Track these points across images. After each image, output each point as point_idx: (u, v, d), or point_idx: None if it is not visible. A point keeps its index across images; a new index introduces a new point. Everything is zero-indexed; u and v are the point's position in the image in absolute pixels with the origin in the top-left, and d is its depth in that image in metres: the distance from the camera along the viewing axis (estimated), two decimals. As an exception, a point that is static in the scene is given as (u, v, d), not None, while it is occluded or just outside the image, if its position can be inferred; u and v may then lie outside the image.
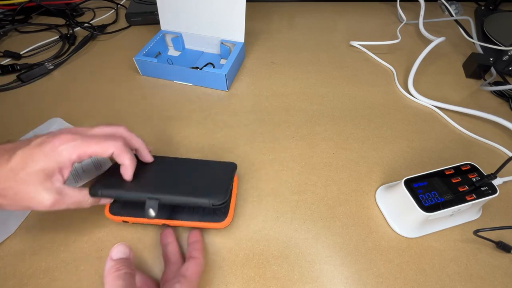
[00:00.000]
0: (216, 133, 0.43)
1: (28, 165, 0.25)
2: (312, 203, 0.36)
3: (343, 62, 0.57)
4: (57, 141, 0.26)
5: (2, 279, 0.30)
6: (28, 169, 0.25)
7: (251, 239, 0.33)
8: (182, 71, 0.49)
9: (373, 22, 0.68)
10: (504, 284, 0.31)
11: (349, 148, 0.42)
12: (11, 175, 0.24)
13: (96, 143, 0.27)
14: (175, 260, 0.29)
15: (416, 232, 0.33)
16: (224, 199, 0.29)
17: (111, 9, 0.70)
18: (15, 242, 0.32)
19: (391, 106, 0.49)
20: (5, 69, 0.51)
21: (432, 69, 0.56)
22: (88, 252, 0.32)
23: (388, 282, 0.30)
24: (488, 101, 0.50)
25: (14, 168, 0.24)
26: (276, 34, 0.64)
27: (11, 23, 0.62)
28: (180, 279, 0.26)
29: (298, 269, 0.31)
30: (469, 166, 0.34)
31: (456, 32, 0.62)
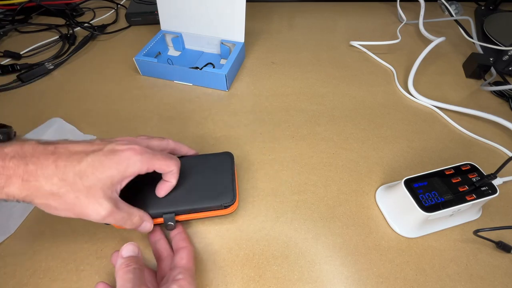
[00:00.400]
0: (216, 133, 0.43)
1: (98, 171, 0.24)
2: (312, 203, 0.36)
3: (343, 62, 0.57)
4: (130, 152, 0.26)
5: (2, 279, 0.30)
6: (98, 175, 0.24)
7: (251, 239, 0.33)
8: (182, 71, 0.50)
9: (373, 22, 0.68)
10: (504, 284, 0.31)
11: (349, 148, 0.42)
12: (78, 178, 0.24)
13: (163, 159, 0.28)
14: (167, 255, 0.30)
15: (416, 232, 0.33)
16: (233, 198, 0.31)
17: (111, 9, 0.70)
18: (15, 242, 0.32)
19: (391, 106, 0.49)
20: (5, 69, 0.51)
21: (432, 69, 0.56)
22: (88, 252, 0.32)
23: (388, 282, 0.30)
24: (488, 101, 0.50)
25: (83, 171, 0.24)
26: (276, 34, 0.64)
27: (11, 23, 0.62)
28: (178, 269, 0.27)
29: (298, 269, 0.31)
30: (469, 166, 0.34)
31: (456, 32, 0.62)
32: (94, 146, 0.26)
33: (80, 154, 0.25)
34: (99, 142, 0.27)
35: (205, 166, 0.34)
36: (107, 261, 0.31)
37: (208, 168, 0.34)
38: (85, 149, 0.25)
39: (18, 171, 0.22)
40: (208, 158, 0.35)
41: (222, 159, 0.35)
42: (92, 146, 0.26)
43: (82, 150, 0.25)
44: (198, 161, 0.35)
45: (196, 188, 0.32)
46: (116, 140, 0.27)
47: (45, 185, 0.23)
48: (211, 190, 0.32)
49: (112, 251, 0.32)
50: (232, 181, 0.33)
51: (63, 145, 0.25)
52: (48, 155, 0.24)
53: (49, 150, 0.24)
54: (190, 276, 0.27)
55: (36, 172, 0.23)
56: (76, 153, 0.25)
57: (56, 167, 0.23)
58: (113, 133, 0.43)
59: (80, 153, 0.25)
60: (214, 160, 0.35)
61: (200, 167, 0.34)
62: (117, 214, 0.26)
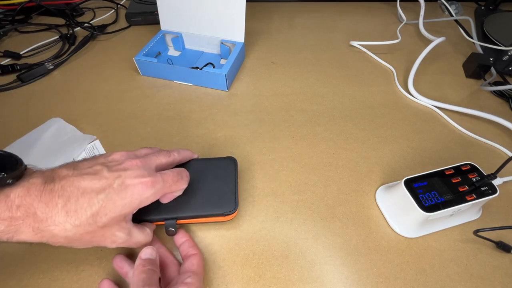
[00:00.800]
0: (216, 133, 0.43)
1: (112, 211, 0.24)
2: (312, 203, 0.36)
3: (343, 62, 0.57)
4: (142, 187, 0.25)
5: (2, 279, 0.30)
6: (111, 215, 0.24)
7: (251, 239, 0.33)
8: (182, 71, 0.49)
9: (373, 22, 0.68)
10: (504, 284, 0.31)
11: (349, 148, 0.42)
12: (92, 221, 0.23)
13: (174, 184, 0.29)
14: (170, 261, 0.30)
15: (416, 232, 0.33)
16: (235, 206, 0.32)
17: (111, 9, 0.70)
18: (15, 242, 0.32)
19: (391, 106, 0.49)
20: (5, 69, 0.51)
21: (432, 69, 0.56)
22: (88, 252, 0.32)
23: (388, 282, 0.30)
24: (488, 101, 0.50)
25: (96, 213, 0.23)
26: (276, 34, 0.64)
27: (11, 23, 0.62)
28: (189, 274, 0.27)
29: (298, 269, 0.31)
30: (469, 166, 0.34)
31: (456, 32, 0.62)
32: (102, 181, 0.24)
33: (89, 194, 0.24)
34: (107, 174, 0.25)
35: (208, 171, 0.34)
36: (107, 261, 0.31)
37: (211, 173, 0.34)
38: (93, 186, 0.24)
39: (28, 221, 0.22)
40: (212, 163, 0.35)
41: (226, 165, 0.35)
42: (100, 181, 0.24)
43: (91, 188, 0.24)
44: (201, 165, 0.35)
45: (198, 194, 0.32)
46: (124, 168, 0.26)
47: (58, 233, 0.23)
48: (213, 197, 0.32)
49: (112, 251, 0.31)
50: (234, 189, 0.33)
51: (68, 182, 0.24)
52: (56, 199, 0.23)
53: (56, 192, 0.23)
54: (199, 281, 0.27)
55: (46, 221, 0.22)
56: (85, 193, 0.24)
57: (66, 213, 0.23)
58: (113, 133, 0.43)
59: (89, 193, 0.24)
60: (218, 165, 0.35)
61: (203, 173, 0.34)
62: (131, 241, 0.27)
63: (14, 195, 0.22)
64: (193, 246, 0.30)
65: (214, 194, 0.32)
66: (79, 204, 0.23)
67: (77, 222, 0.23)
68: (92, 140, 0.41)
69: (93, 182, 0.24)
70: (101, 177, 0.25)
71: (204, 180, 0.33)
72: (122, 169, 0.26)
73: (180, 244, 0.31)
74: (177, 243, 0.31)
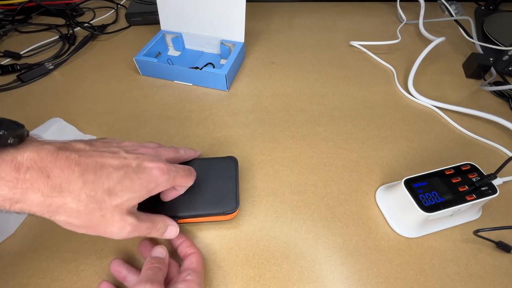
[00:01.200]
0: (216, 133, 0.43)
1: (128, 190, 0.23)
2: (312, 203, 0.36)
3: (343, 62, 0.57)
4: (158, 171, 0.25)
5: (2, 279, 0.30)
6: (127, 193, 0.23)
7: (251, 239, 0.33)
8: (182, 71, 0.49)
9: (373, 22, 0.68)
10: (504, 284, 0.31)
11: (349, 148, 0.42)
12: (106, 196, 0.22)
13: (184, 177, 0.29)
14: (171, 263, 0.30)
15: (416, 232, 0.33)
16: (236, 205, 0.32)
17: (111, 9, 0.70)
18: (15, 242, 0.32)
19: (391, 106, 0.49)
20: (5, 69, 0.51)
21: (432, 69, 0.56)
22: (88, 252, 0.32)
23: (388, 282, 0.30)
24: (488, 101, 0.50)
25: (112, 188, 0.23)
26: (276, 34, 0.64)
27: (11, 23, 0.62)
28: (189, 272, 0.27)
29: (298, 269, 0.31)
30: (469, 166, 0.34)
31: (456, 32, 0.62)
32: (121, 159, 0.24)
33: (108, 168, 0.23)
34: (125, 154, 0.25)
35: (209, 170, 0.34)
36: (107, 261, 0.31)
37: (212, 173, 0.34)
38: (112, 162, 0.23)
39: (37, 185, 0.20)
40: (213, 162, 0.35)
41: (226, 164, 0.35)
42: (119, 159, 0.24)
43: (110, 164, 0.23)
44: (203, 165, 0.35)
45: (199, 194, 0.32)
46: (141, 153, 0.26)
47: (70, 202, 0.21)
48: (214, 196, 0.32)
49: (112, 251, 0.32)
50: (235, 188, 0.33)
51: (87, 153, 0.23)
52: (73, 166, 0.21)
53: (73, 160, 0.21)
54: (199, 278, 0.27)
55: (60, 186, 0.21)
56: (103, 166, 0.23)
57: (83, 182, 0.21)
58: (113, 133, 0.43)
59: (107, 167, 0.23)
60: (218, 164, 0.35)
61: (204, 172, 0.34)
62: (141, 226, 0.25)
63: (22, 158, 0.20)
64: (191, 245, 0.31)
65: (215, 194, 0.33)
66: (97, 175, 0.22)
67: (92, 193, 0.22)
68: (92, 140, 0.41)
69: (112, 159, 0.24)
70: (119, 156, 0.24)
71: (205, 180, 0.33)
72: (140, 153, 0.26)
73: (178, 245, 0.31)
74: (175, 245, 0.31)
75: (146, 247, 0.30)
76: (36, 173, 0.20)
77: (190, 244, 0.31)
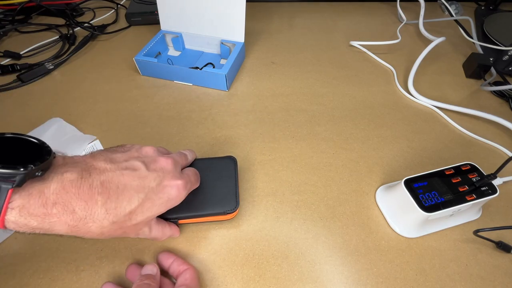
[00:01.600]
0: (216, 133, 0.43)
1: (149, 211, 0.25)
2: (312, 203, 0.36)
3: (343, 62, 0.57)
4: (177, 190, 0.27)
5: (2, 279, 0.30)
6: (147, 213, 0.25)
7: (251, 239, 0.33)
8: (182, 71, 0.49)
9: (373, 22, 0.68)
10: (504, 284, 0.31)
11: (349, 148, 0.42)
12: (128, 219, 0.24)
13: (195, 183, 0.31)
14: (166, 282, 0.29)
15: (416, 232, 0.33)
16: (236, 205, 0.32)
17: (111, 9, 0.70)
18: (15, 242, 0.32)
19: (391, 106, 0.49)
20: (5, 69, 0.51)
21: (432, 69, 0.56)
22: (88, 252, 0.32)
23: (388, 282, 0.30)
24: (488, 101, 0.50)
25: (133, 211, 0.24)
26: (276, 34, 0.64)
27: (11, 23, 0.62)
28: (183, 287, 0.27)
29: (298, 269, 0.31)
30: (469, 166, 0.34)
31: (456, 32, 0.62)
32: (141, 180, 0.25)
33: (129, 192, 0.24)
34: (145, 173, 0.25)
35: (209, 171, 0.34)
36: (107, 261, 0.31)
37: (212, 173, 0.34)
38: (133, 184, 0.24)
39: (64, 218, 0.21)
40: (212, 162, 0.35)
41: (226, 164, 0.35)
42: (140, 179, 0.25)
43: (131, 186, 0.24)
44: (202, 165, 0.35)
45: (199, 194, 0.32)
46: (161, 168, 0.27)
47: (95, 229, 0.23)
48: (215, 196, 0.32)
49: (112, 251, 0.32)
50: (235, 187, 0.33)
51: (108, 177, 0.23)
52: (95, 196, 0.22)
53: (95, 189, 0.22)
54: None
55: (85, 219, 0.22)
56: (125, 190, 0.24)
57: (106, 211, 0.22)
58: (113, 133, 0.43)
59: (129, 190, 0.24)
60: (218, 164, 0.35)
61: (204, 172, 0.34)
62: (151, 235, 0.28)
63: (49, 191, 0.21)
64: (183, 262, 0.29)
65: (215, 194, 0.33)
66: (119, 202, 0.23)
67: (115, 219, 0.23)
68: (92, 140, 0.41)
69: (133, 179, 0.24)
70: (140, 175, 0.25)
71: (204, 180, 0.33)
72: (160, 169, 0.27)
73: (169, 265, 0.29)
74: (165, 266, 0.29)
75: (133, 272, 0.29)
76: (62, 208, 0.21)
77: (182, 261, 0.29)
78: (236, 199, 0.32)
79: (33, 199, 0.20)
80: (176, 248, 0.32)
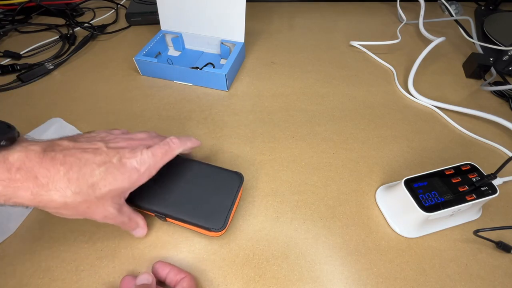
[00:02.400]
0: (216, 133, 0.43)
1: (111, 184, 0.25)
2: (312, 203, 0.36)
3: (343, 62, 0.57)
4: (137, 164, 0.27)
5: (2, 279, 0.30)
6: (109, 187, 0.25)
7: (251, 239, 0.33)
8: (182, 71, 0.49)
9: (373, 22, 0.68)
10: (504, 284, 0.31)
11: (349, 148, 0.42)
12: (91, 191, 0.24)
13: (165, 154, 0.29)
14: None
15: (416, 232, 0.33)
16: (223, 226, 0.30)
17: (111, 9, 0.70)
18: (15, 242, 0.32)
19: (391, 106, 0.49)
20: (5, 69, 0.51)
21: (432, 69, 0.56)
22: (88, 252, 0.32)
23: (388, 282, 0.30)
24: (488, 101, 0.50)
25: (96, 184, 0.24)
26: (276, 34, 0.64)
27: (11, 23, 0.62)
28: None
29: (298, 269, 0.31)
30: (469, 166, 0.34)
31: (456, 32, 0.62)
32: (102, 156, 0.26)
33: (91, 166, 0.25)
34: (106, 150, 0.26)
35: (212, 180, 0.33)
36: (107, 261, 0.31)
37: (214, 183, 0.33)
38: (95, 159, 0.25)
39: (27, 184, 0.22)
40: (218, 173, 0.34)
41: (231, 180, 0.33)
42: (101, 155, 0.26)
43: (93, 161, 0.25)
44: (207, 171, 0.34)
45: (193, 200, 0.32)
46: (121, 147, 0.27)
47: (58, 198, 0.23)
48: (206, 208, 0.31)
49: (112, 251, 0.32)
50: (229, 207, 0.31)
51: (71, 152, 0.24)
52: (58, 166, 0.23)
53: (58, 159, 0.23)
54: None
55: (47, 185, 0.23)
56: (87, 164, 0.24)
57: (68, 180, 0.23)
58: (113, 133, 0.43)
59: (91, 164, 0.25)
60: (223, 176, 0.34)
61: (205, 180, 0.33)
62: (118, 218, 0.28)
63: (13, 158, 0.22)
64: (179, 271, 0.29)
65: (208, 206, 0.31)
66: (81, 173, 0.24)
67: (78, 190, 0.24)
68: (92, 140, 0.41)
69: (94, 156, 0.25)
70: (101, 152, 0.26)
71: (204, 188, 0.32)
72: (120, 147, 0.27)
73: (166, 275, 0.29)
74: (162, 277, 0.29)
75: (128, 283, 0.28)
76: (25, 173, 0.22)
77: (178, 270, 0.29)
78: (226, 219, 0.30)
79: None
80: (177, 248, 0.32)
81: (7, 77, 0.51)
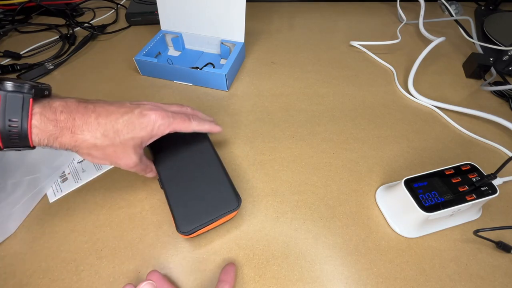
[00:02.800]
0: (216, 133, 0.43)
1: (132, 132, 0.29)
2: (312, 203, 0.36)
3: (343, 62, 0.57)
4: (155, 116, 0.30)
5: (2, 279, 0.30)
6: (131, 134, 0.29)
7: (251, 239, 0.33)
8: (182, 71, 0.49)
9: (373, 22, 0.68)
10: (504, 284, 0.31)
11: (349, 148, 0.42)
12: (116, 135, 0.28)
13: (182, 122, 0.32)
14: None
15: (416, 232, 0.33)
16: (187, 232, 0.30)
17: (111, 9, 0.70)
18: (15, 242, 0.32)
19: (391, 106, 0.49)
20: (5, 69, 0.51)
21: (432, 69, 0.56)
22: (88, 252, 0.32)
23: (388, 282, 0.30)
24: (488, 101, 0.50)
25: (120, 130, 0.28)
26: (276, 34, 0.64)
27: (11, 23, 0.62)
28: None
29: (298, 269, 0.31)
30: (469, 166, 0.34)
31: (456, 32, 0.62)
32: (125, 108, 0.30)
33: (116, 114, 0.29)
34: (129, 105, 0.31)
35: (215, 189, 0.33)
36: (107, 261, 0.31)
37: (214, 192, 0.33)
38: (119, 110, 0.29)
39: (68, 124, 0.26)
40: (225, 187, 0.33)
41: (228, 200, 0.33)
42: (124, 108, 0.30)
43: (117, 111, 0.29)
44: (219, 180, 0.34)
45: (190, 194, 0.33)
46: (142, 104, 0.32)
47: (89, 139, 0.27)
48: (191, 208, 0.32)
49: (111, 251, 0.32)
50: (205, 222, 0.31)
51: (100, 105, 0.29)
52: (90, 112, 0.27)
53: (90, 108, 0.28)
54: None
55: (82, 127, 0.27)
56: (113, 113, 0.29)
57: (98, 124, 0.27)
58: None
59: (115, 113, 0.29)
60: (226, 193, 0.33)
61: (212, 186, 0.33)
62: (139, 166, 0.32)
63: (56, 104, 0.26)
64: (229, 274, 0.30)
65: (193, 208, 0.32)
66: (108, 120, 0.28)
67: (106, 133, 0.28)
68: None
69: (119, 108, 0.30)
70: (125, 106, 0.30)
71: (205, 191, 0.33)
72: (142, 105, 0.32)
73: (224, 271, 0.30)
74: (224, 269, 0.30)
75: None
76: (66, 115, 0.26)
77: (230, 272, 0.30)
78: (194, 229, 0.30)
79: (46, 108, 0.26)
80: (177, 248, 0.32)
81: (7, 77, 0.51)
